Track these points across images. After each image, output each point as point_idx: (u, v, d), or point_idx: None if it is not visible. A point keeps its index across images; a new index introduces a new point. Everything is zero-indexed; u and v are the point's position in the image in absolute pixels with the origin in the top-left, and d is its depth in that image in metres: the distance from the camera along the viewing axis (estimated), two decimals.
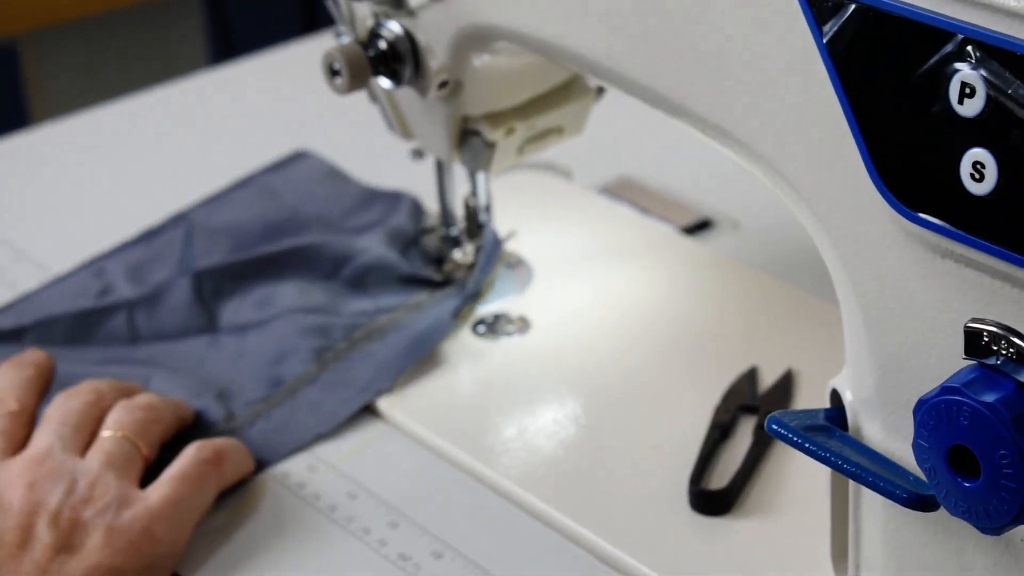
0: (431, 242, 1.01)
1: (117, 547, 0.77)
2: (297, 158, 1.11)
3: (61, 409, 0.83)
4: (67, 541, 0.76)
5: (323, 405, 0.89)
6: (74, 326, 0.97)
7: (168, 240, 1.04)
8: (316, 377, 0.91)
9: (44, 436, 0.82)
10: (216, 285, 0.98)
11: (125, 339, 0.96)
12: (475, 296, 0.96)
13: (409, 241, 1.01)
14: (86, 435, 0.82)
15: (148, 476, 0.82)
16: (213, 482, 0.82)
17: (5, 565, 0.75)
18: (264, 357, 0.93)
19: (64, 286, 1.01)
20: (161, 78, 1.34)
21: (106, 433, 0.82)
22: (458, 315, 0.95)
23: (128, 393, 0.86)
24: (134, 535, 0.77)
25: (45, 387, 0.86)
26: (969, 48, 0.56)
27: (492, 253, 0.97)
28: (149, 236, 1.05)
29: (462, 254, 1.00)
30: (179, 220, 1.06)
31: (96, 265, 1.03)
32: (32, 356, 0.87)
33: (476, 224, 0.98)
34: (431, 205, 1.03)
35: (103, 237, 1.07)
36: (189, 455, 0.82)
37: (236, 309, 0.97)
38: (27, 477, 0.79)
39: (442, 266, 0.99)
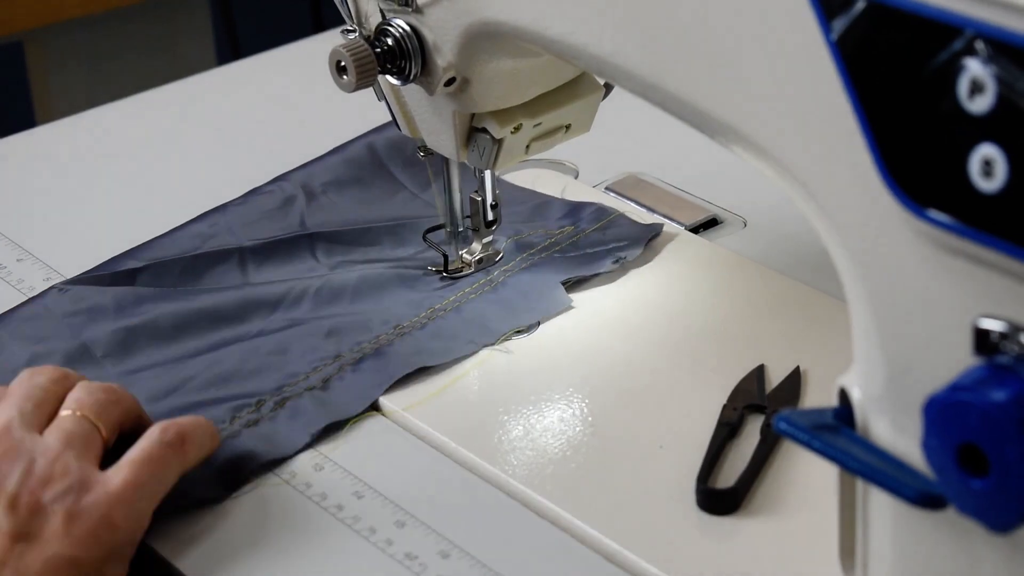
0: (438, 239, 1.01)
1: (76, 535, 0.75)
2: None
3: (25, 384, 0.82)
4: (26, 528, 0.75)
5: (432, 347, 0.92)
6: (186, 268, 1.00)
7: (280, 197, 1.08)
8: (424, 325, 0.94)
9: (4, 411, 0.80)
10: (327, 246, 1.02)
11: (237, 282, 0.99)
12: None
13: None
14: (47, 413, 0.81)
15: (107, 462, 0.81)
16: (175, 465, 0.80)
17: None
18: (370, 312, 0.96)
19: (177, 235, 1.05)
20: (168, 76, 1.34)
21: (65, 412, 0.81)
22: (618, 262, 0.99)
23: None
24: (93, 522, 0.76)
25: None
26: (979, 44, 0.56)
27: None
28: (257, 193, 1.09)
29: (469, 251, 1.00)
30: (289, 179, 1.10)
31: (209, 218, 1.06)
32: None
33: (483, 221, 0.98)
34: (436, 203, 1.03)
35: (109, 235, 1.07)
36: (152, 437, 0.80)
37: (340, 271, 1.00)
38: None
39: (449, 264, 0.99)
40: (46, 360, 0.91)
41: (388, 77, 0.89)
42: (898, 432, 0.65)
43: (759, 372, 0.90)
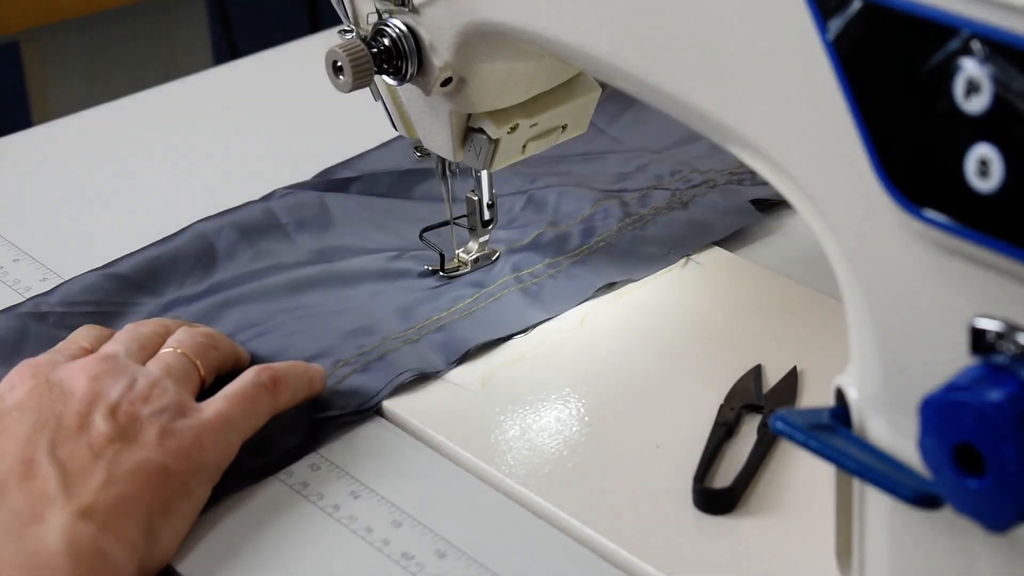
0: (434, 238, 1.01)
1: (168, 447, 0.79)
2: None
3: (130, 331, 0.88)
4: (123, 432, 0.79)
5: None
6: (395, 182, 1.08)
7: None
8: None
9: (110, 345, 0.86)
10: None
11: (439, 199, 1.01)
12: None
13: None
14: (150, 352, 0.86)
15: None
16: (266, 405, 0.84)
17: (61, 444, 0.78)
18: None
19: (386, 150, 1.12)
20: (164, 76, 1.34)
21: (167, 349, 0.86)
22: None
23: None
24: (185, 440, 0.80)
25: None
26: (975, 44, 0.56)
27: None
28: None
29: (465, 251, 1.00)
30: None
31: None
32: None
33: (480, 220, 0.98)
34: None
35: (105, 235, 1.07)
36: (247, 377, 0.85)
37: None
38: (90, 371, 0.82)
39: (445, 262, 0.99)
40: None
41: (384, 77, 0.89)
42: (895, 432, 0.65)
43: (756, 372, 0.90)
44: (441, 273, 0.99)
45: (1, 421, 0.80)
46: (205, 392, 0.86)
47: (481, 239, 0.99)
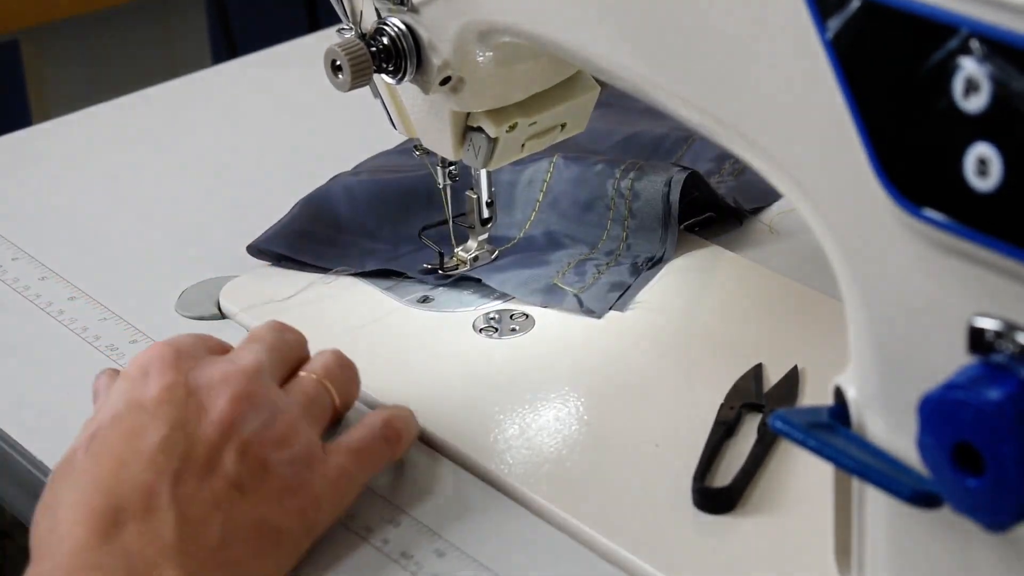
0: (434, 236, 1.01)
1: (287, 507, 0.77)
2: None
3: (272, 334, 0.84)
4: (246, 479, 0.76)
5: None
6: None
7: None
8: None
9: (253, 351, 0.81)
10: None
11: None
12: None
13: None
14: (287, 370, 0.83)
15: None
16: (385, 461, 0.82)
17: (186, 479, 0.74)
18: None
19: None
20: (163, 75, 1.34)
21: (309, 375, 0.83)
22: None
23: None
24: (305, 500, 0.77)
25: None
26: (974, 43, 0.56)
27: None
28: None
29: (464, 249, 1.00)
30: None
31: None
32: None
33: (478, 219, 0.98)
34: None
35: (104, 234, 1.07)
36: (374, 429, 0.82)
37: None
38: (233, 386, 0.78)
39: (444, 261, 0.99)
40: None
41: (383, 76, 0.89)
42: (894, 431, 0.65)
43: (757, 371, 0.90)
44: (440, 272, 0.99)
45: (133, 415, 0.76)
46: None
47: (480, 237, 0.99)
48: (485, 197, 0.98)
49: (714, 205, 1.04)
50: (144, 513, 0.73)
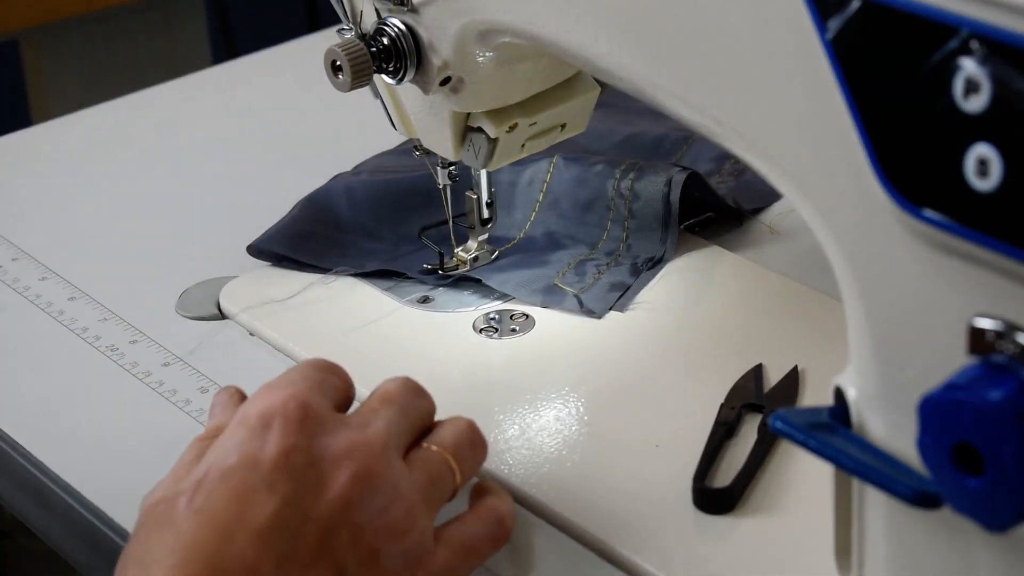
0: (434, 236, 1.01)
1: None
2: None
3: (404, 396, 0.77)
4: (353, 569, 0.71)
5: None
6: None
7: None
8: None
9: (383, 418, 0.75)
10: None
11: None
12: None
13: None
14: (412, 438, 0.77)
15: None
16: (488, 555, 0.77)
17: (291, 567, 0.70)
18: None
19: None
20: (163, 75, 1.34)
21: (433, 448, 0.77)
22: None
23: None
24: None
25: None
26: (974, 43, 0.56)
27: None
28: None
29: (464, 249, 1.00)
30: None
31: None
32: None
33: (478, 219, 0.98)
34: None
35: (104, 234, 1.07)
36: (487, 525, 0.77)
37: None
38: (357, 463, 0.72)
39: (444, 261, 0.99)
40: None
41: (383, 76, 0.89)
42: (893, 431, 0.65)
43: (757, 371, 0.90)
44: (440, 272, 0.99)
45: (246, 474, 0.71)
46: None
47: (480, 238, 0.99)
48: (485, 197, 0.98)
49: (714, 205, 1.04)
50: None
